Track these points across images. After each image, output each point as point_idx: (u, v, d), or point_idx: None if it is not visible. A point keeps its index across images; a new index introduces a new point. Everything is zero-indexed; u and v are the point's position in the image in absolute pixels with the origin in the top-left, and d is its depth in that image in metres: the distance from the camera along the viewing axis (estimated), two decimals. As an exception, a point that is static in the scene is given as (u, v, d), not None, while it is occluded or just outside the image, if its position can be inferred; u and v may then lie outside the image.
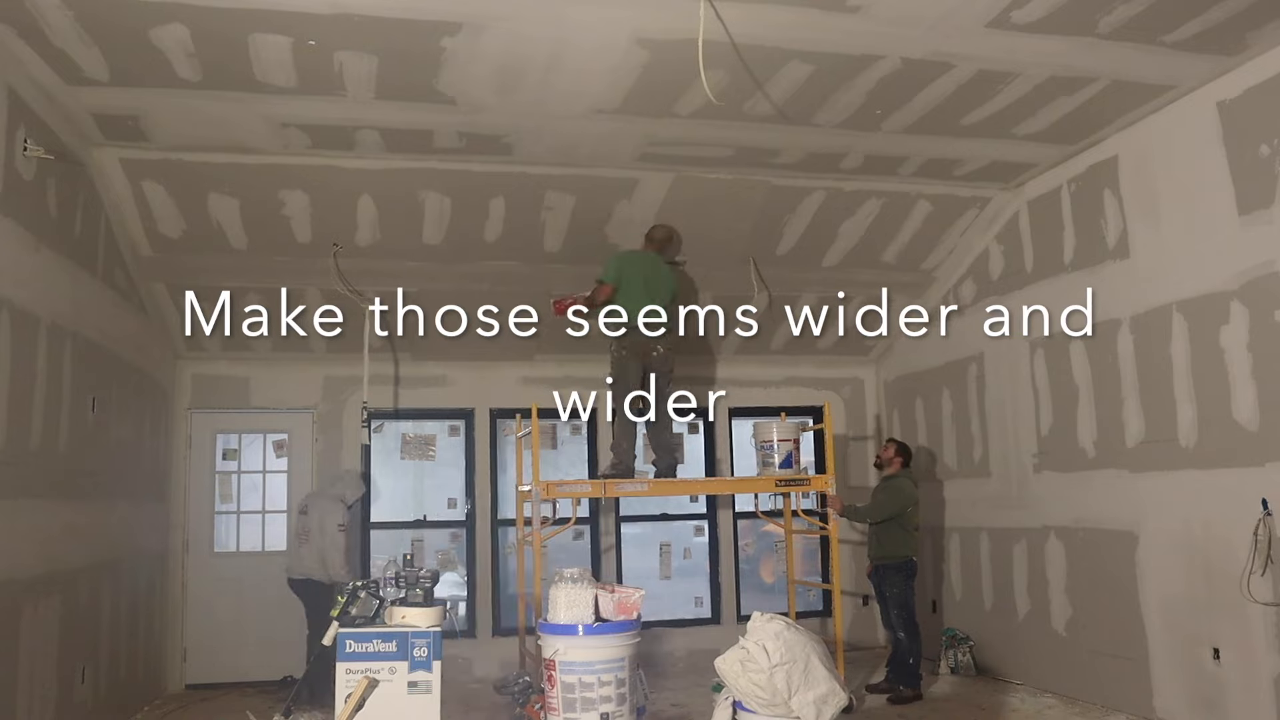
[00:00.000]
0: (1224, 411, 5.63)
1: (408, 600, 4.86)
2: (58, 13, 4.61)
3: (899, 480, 7.34)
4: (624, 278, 6.94)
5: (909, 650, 7.04)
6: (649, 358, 6.89)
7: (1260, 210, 5.43)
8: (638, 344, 6.87)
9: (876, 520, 7.18)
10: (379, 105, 5.69)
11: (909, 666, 7.03)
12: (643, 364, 6.88)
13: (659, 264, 7.16)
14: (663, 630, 8.45)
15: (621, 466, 6.82)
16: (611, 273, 6.98)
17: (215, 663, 7.88)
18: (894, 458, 7.48)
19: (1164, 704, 6.04)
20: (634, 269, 6.97)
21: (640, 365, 6.88)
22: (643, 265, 7.02)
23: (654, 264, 7.11)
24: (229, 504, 8.26)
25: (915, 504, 7.28)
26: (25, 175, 5.14)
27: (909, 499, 7.22)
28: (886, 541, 7.22)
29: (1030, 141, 6.56)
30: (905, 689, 6.99)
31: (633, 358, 6.88)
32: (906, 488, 7.28)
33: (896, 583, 7.18)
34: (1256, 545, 5.35)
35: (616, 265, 6.99)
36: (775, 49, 5.18)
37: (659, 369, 6.93)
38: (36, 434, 5.25)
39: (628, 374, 6.87)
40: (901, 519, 7.20)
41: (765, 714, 4.08)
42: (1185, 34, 5.14)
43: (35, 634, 5.19)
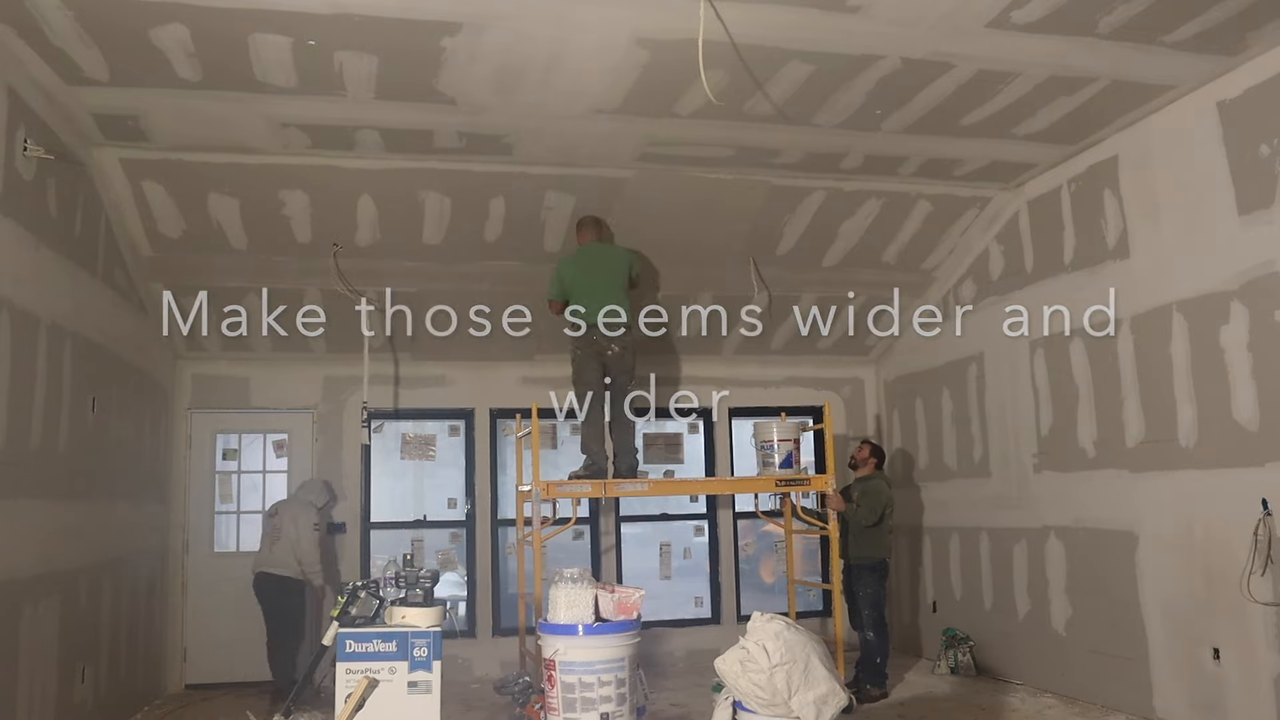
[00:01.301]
0: (1224, 411, 5.63)
1: (408, 600, 4.87)
2: (58, 13, 4.61)
3: (876, 482, 7.34)
4: (568, 285, 6.95)
5: (877, 650, 7.05)
6: (605, 356, 6.90)
7: (1260, 210, 5.43)
8: (593, 343, 6.88)
9: (870, 523, 7.16)
10: (379, 105, 5.69)
11: (876, 665, 7.05)
12: (600, 363, 6.89)
13: (604, 252, 7.10)
14: (663, 630, 8.45)
15: (594, 467, 6.82)
16: (554, 289, 7.04)
17: (215, 663, 7.88)
18: (868, 458, 7.47)
19: (1164, 704, 6.04)
20: (575, 271, 6.96)
21: (598, 364, 6.89)
22: (585, 263, 6.99)
23: (598, 255, 7.06)
24: (229, 504, 8.26)
25: (891, 505, 7.29)
26: (25, 175, 5.14)
27: (887, 500, 7.23)
28: (863, 543, 7.22)
29: (1030, 141, 6.56)
30: (872, 688, 7.01)
31: (589, 358, 6.89)
32: (884, 489, 7.28)
33: (870, 583, 7.19)
34: (1256, 545, 5.35)
35: (556, 278, 7.02)
36: (775, 49, 5.18)
37: (616, 367, 6.93)
38: (36, 434, 5.25)
39: (586, 374, 6.89)
40: (883, 520, 7.22)
41: (765, 714, 4.09)
42: (1185, 34, 5.14)
43: (35, 634, 5.19)
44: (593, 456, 6.84)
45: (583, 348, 6.91)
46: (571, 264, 7.02)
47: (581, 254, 7.09)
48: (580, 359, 6.92)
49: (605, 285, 6.94)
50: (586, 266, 6.98)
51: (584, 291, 6.91)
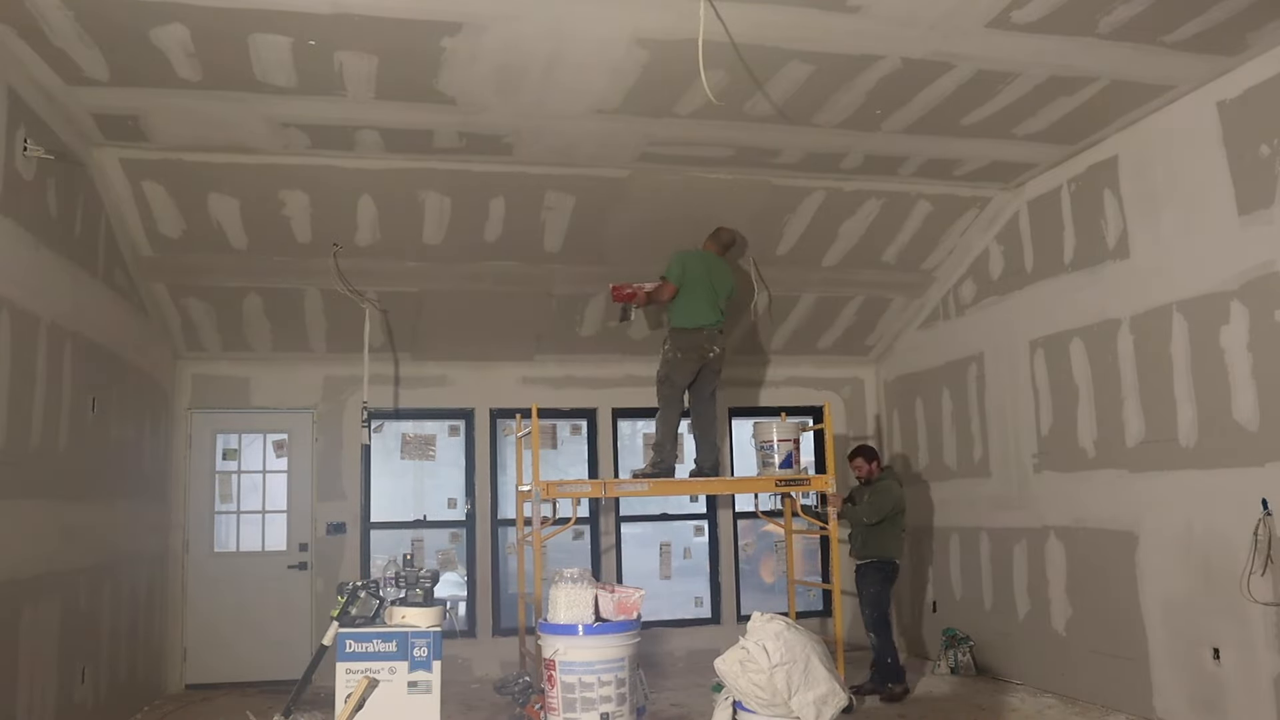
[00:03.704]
0: (1224, 411, 5.63)
1: (408, 600, 4.86)
2: (58, 13, 4.61)
3: (887, 481, 7.33)
4: (688, 278, 6.96)
5: (884, 649, 7.06)
6: (705, 359, 6.92)
7: (1260, 210, 5.43)
8: (695, 344, 6.89)
9: (872, 521, 7.16)
10: (379, 105, 5.69)
11: (888, 665, 7.05)
12: (699, 365, 6.91)
13: (721, 265, 7.17)
14: (663, 630, 8.45)
15: (664, 465, 6.80)
16: (676, 272, 6.99)
17: (215, 663, 7.88)
18: (865, 465, 7.46)
19: (1164, 704, 6.04)
20: (698, 269, 6.99)
21: (695, 366, 6.91)
22: (705, 266, 7.03)
23: (716, 265, 7.12)
24: (229, 504, 8.26)
25: (902, 505, 7.29)
26: (25, 175, 5.14)
27: (896, 499, 7.22)
28: (874, 542, 7.21)
29: (1030, 141, 6.56)
30: (894, 686, 7.01)
31: (689, 358, 6.89)
32: (894, 488, 7.27)
33: (874, 582, 7.18)
34: (1256, 545, 5.35)
35: (680, 264, 6.99)
36: (775, 49, 5.18)
37: (711, 368, 6.98)
38: (36, 434, 5.25)
39: (681, 373, 6.90)
40: (894, 519, 7.21)
41: (765, 714, 4.09)
42: (1185, 34, 5.14)
43: (35, 634, 5.19)
44: (664, 455, 6.82)
45: (683, 349, 6.90)
46: (693, 260, 7.03)
47: (702, 256, 7.12)
48: (677, 360, 6.90)
49: (715, 292, 6.98)
50: (705, 269, 7.00)
51: (693, 290, 6.93)
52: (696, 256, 7.09)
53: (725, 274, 7.16)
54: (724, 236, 7.29)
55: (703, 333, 6.90)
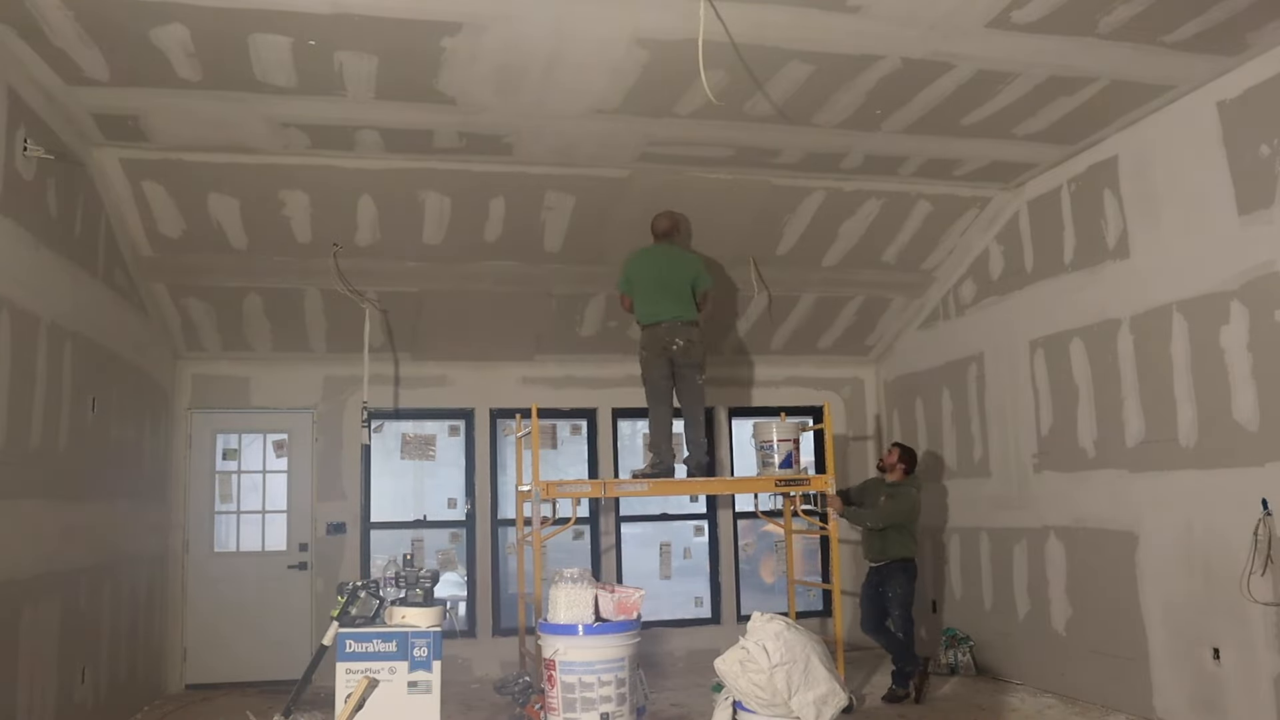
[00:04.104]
0: (1224, 411, 5.63)
1: (408, 600, 4.87)
2: (58, 13, 4.61)
3: (906, 489, 7.24)
4: (636, 280, 6.97)
5: (907, 647, 7.03)
6: (670, 352, 6.89)
7: (1260, 210, 5.43)
8: (656, 340, 6.88)
9: (878, 527, 7.13)
10: (379, 105, 5.69)
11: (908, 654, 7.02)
12: (666, 359, 6.89)
13: (672, 254, 7.10)
14: (663, 630, 8.45)
15: (662, 466, 6.79)
16: (622, 283, 7.06)
17: (215, 663, 7.88)
18: (897, 464, 7.37)
19: (1164, 704, 6.04)
20: (642, 269, 6.98)
21: (663, 361, 6.89)
22: (652, 262, 7.01)
23: (665, 256, 7.06)
24: (229, 504, 8.26)
25: (918, 513, 7.27)
26: (25, 175, 5.14)
27: (913, 510, 7.19)
28: (891, 544, 7.18)
29: (1030, 141, 6.56)
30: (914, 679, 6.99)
31: (653, 354, 6.89)
32: (912, 497, 7.19)
33: (903, 581, 7.12)
34: (1256, 545, 5.35)
35: (625, 272, 7.05)
36: (775, 49, 5.18)
37: (682, 362, 6.92)
38: (36, 434, 5.25)
39: (653, 370, 6.90)
40: (908, 523, 7.19)
41: (765, 714, 4.09)
42: (1185, 34, 5.14)
43: (35, 635, 5.19)
44: (660, 455, 6.82)
45: (647, 347, 6.94)
46: (635, 262, 7.04)
47: (649, 252, 7.08)
48: (645, 358, 6.94)
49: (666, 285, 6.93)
50: (651, 265, 6.98)
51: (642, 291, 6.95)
52: (643, 255, 7.07)
53: (681, 261, 7.07)
54: (659, 225, 7.18)
55: (661, 326, 6.87)
